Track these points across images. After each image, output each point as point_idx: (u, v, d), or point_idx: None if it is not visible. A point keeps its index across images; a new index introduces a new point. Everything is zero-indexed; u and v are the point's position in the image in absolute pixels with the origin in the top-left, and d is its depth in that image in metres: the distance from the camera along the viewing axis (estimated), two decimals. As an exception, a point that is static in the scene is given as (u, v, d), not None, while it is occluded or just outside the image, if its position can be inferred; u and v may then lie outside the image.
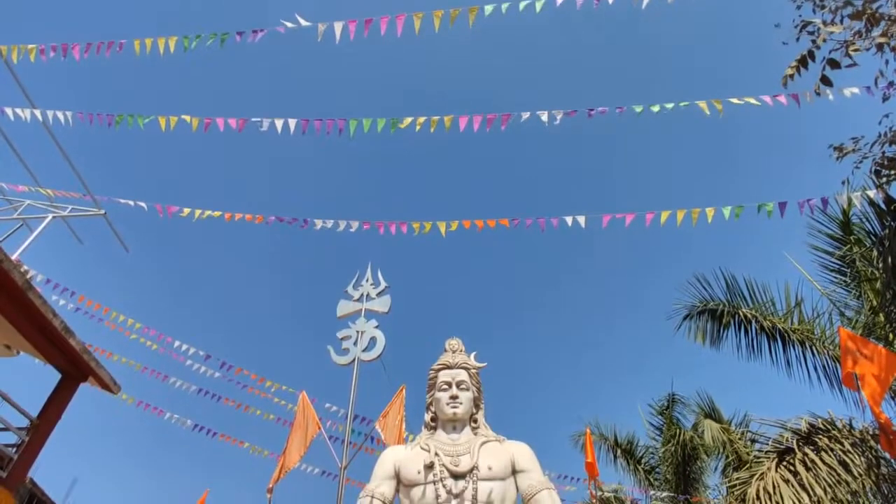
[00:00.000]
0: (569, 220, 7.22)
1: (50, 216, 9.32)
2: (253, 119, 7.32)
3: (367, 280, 7.09)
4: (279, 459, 7.30)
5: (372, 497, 2.94)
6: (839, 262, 8.04)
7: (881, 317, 7.37)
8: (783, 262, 8.91)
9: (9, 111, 7.57)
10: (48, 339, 7.37)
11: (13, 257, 7.61)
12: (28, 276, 6.80)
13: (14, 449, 7.26)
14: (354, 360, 6.33)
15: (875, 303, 7.51)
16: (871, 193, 6.60)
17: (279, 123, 7.18)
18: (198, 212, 8.38)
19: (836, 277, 8.16)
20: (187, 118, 7.30)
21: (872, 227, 7.28)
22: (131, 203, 8.64)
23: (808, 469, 6.29)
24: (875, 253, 7.25)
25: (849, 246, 7.77)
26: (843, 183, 6.46)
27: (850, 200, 6.61)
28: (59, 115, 7.56)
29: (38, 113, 7.65)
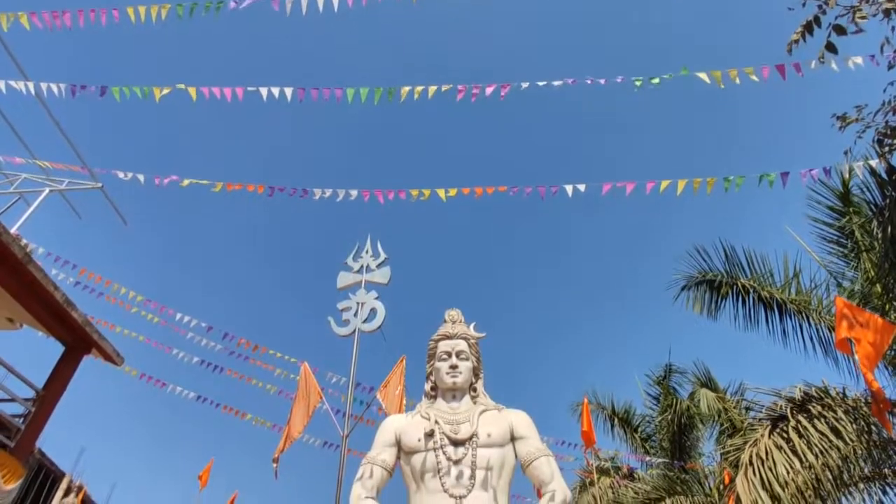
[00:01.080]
0: (569, 188, 7.18)
1: (47, 190, 9.27)
2: (249, 88, 7.24)
3: (366, 251, 7.10)
4: (284, 430, 7.43)
5: (373, 464, 3.00)
6: (838, 233, 8.06)
7: (878, 287, 7.42)
8: (783, 234, 8.93)
9: (0, 83, 7.45)
10: (50, 311, 7.43)
11: (12, 231, 7.60)
12: (28, 250, 6.81)
13: (21, 419, 7.39)
14: (355, 331, 6.39)
15: (872, 273, 7.55)
16: (873, 163, 6.57)
17: (276, 92, 7.11)
18: (196, 182, 8.33)
19: (834, 248, 8.18)
20: (182, 86, 7.21)
21: (873, 197, 7.26)
22: (129, 175, 8.57)
23: (800, 436, 6.41)
24: (875, 223, 7.25)
25: (848, 217, 7.77)
26: (844, 153, 6.43)
27: (851, 170, 6.58)
28: (53, 87, 7.46)
29: (30, 85, 7.54)
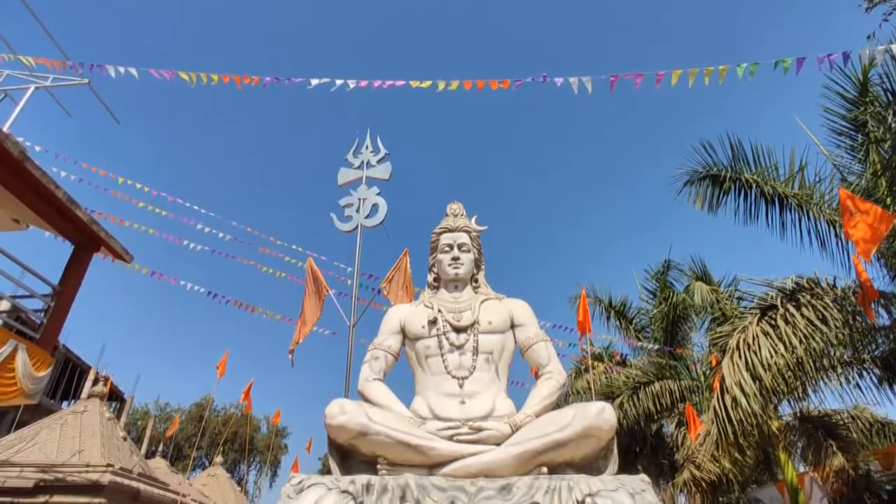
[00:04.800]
0: (573, 81, 6.83)
1: (32, 87, 8.91)
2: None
3: (366, 147, 6.98)
4: (297, 324, 7.77)
5: (379, 349, 3.18)
6: (849, 125, 7.83)
7: (883, 182, 7.35)
8: (794, 128, 8.68)
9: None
10: (54, 210, 7.46)
11: (4, 129, 7.43)
12: (22, 148, 6.69)
13: (42, 314, 7.72)
14: (358, 226, 6.46)
15: (879, 167, 7.44)
16: (896, 48, 6.20)
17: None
18: (193, 75, 7.97)
19: (843, 142, 8.00)
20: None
21: (891, 85, 6.97)
22: (120, 70, 8.17)
23: (787, 323, 6.68)
24: (890, 112, 7.03)
25: (863, 107, 7.50)
26: (867, 38, 6.08)
27: (871, 57, 6.23)
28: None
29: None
